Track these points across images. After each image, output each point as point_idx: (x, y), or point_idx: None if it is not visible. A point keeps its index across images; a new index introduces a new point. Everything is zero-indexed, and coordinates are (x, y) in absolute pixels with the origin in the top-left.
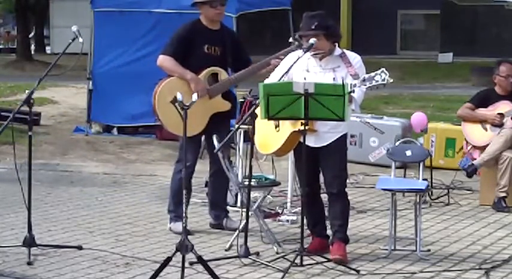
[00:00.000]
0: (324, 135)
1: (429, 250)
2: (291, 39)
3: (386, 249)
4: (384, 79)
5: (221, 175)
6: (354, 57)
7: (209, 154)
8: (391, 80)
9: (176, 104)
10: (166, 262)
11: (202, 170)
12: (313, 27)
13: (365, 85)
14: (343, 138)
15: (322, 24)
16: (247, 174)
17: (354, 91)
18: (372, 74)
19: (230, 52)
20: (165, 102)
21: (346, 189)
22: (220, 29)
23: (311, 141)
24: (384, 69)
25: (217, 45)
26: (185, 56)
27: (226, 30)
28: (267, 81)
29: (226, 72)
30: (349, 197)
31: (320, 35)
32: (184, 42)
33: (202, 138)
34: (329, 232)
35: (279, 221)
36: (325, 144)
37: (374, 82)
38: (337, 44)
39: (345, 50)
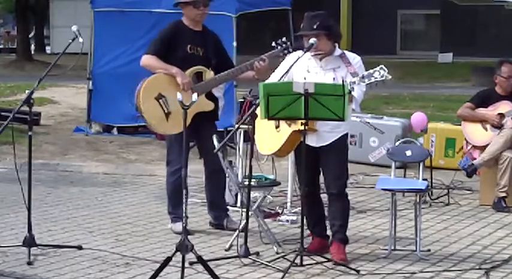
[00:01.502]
0: (325, 134)
1: (429, 250)
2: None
3: (386, 249)
4: (382, 76)
5: (216, 176)
6: (354, 57)
7: (201, 156)
8: (390, 76)
9: (160, 101)
10: (166, 262)
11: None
12: (315, 26)
13: (364, 82)
14: (344, 138)
15: (324, 24)
16: (247, 174)
17: (353, 89)
18: (371, 71)
19: (213, 54)
20: (150, 98)
21: (346, 189)
22: (202, 30)
23: (313, 141)
24: (382, 65)
25: (199, 46)
26: (168, 56)
27: (210, 32)
28: (267, 81)
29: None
30: (349, 197)
31: (321, 34)
32: (167, 42)
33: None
34: (329, 232)
35: (279, 221)
36: (326, 144)
37: (373, 79)
38: (337, 44)
39: (345, 51)
